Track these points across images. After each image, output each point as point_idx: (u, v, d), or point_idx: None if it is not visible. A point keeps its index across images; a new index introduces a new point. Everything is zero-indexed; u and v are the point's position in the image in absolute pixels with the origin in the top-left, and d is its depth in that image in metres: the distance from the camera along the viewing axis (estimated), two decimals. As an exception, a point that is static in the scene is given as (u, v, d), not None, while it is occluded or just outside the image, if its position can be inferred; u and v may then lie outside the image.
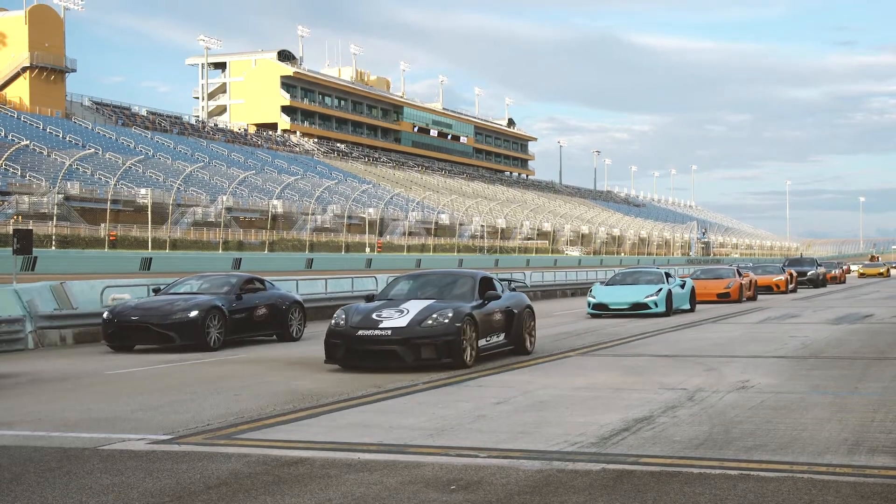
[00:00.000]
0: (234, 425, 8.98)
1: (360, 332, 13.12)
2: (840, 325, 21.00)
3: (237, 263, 53.60)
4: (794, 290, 40.95)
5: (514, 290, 15.98)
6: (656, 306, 24.11)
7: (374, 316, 13.34)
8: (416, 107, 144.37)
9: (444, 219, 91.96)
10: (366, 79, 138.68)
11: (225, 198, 71.47)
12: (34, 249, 35.03)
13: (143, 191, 66.47)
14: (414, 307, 13.51)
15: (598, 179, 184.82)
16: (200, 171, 78.12)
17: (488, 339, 14.01)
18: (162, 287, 19.00)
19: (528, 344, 15.07)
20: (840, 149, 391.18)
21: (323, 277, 29.81)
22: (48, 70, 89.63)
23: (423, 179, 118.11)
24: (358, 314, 13.49)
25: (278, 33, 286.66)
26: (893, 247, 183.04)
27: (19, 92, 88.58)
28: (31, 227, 47.20)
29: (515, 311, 14.81)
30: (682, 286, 26.22)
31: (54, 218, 58.00)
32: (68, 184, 63.75)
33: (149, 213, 61.03)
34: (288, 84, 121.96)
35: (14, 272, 25.68)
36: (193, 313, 16.66)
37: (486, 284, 14.73)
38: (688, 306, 26.39)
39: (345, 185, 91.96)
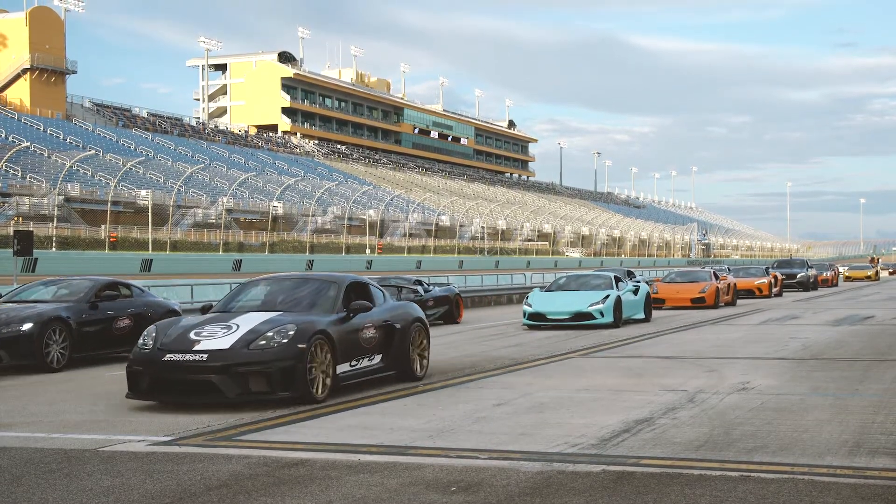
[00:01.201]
0: (234, 427, 8.98)
1: (168, 357, 10.04)
2: (840, 326, 20.99)
3: (237, 265, 53.61)
4: (778, 295, 38.51)
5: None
6: (602, 316, 21.01)
7: (191, 335, 10.29)
8: (416, 108, 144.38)
9: (445, 220, 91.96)
10: (366, 80, 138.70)
11: (225, 199, 71.48)
12: (35, 251, 35.05)
13: (143, 192, 66.46)
14: (247, 322, 10.46)
15: (599, 181, 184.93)
16: (201, 172, 78.13)
17: (354, 362, 11.09)
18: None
19: (416, 367, 12.14)
20: (841, 150, 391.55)
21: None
22: (49, 72, 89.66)
23: (424, 181, 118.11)
24: (171, 332, 10.45)
25: (279, 35, 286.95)
26: (894, 248, 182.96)
27: (20, 93, 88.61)
28: (31, 229, 47.18)
29: (398, 325, 11.90)
30: (636, 292, 23.04)
31: (55, 219, 58.00)
32: (69, 185, 63.76)
33: (149, 214, 61.04)
34: (288, 86, 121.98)
35: (15, 273, 25.70)
36: (27, 326, 13.93)
37: (357, 292, 11.79)
38: (642, 315, 23.19)
39: (345, 187, 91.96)
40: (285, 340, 10.05)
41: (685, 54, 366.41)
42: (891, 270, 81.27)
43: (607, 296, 21.41)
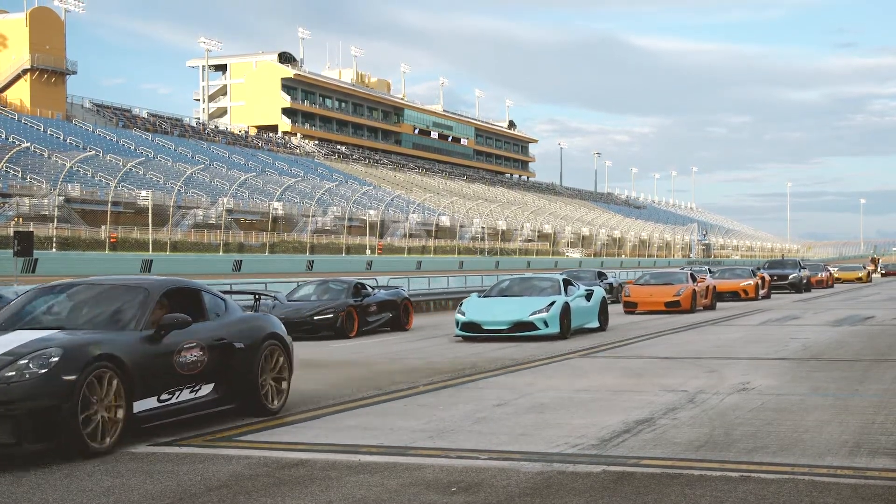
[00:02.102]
0: (234, 427, 8.98)
1: None
2: (841, 326, 21.00)
3: (238, 265, 53.64)
4: (766, 297, 36.44)
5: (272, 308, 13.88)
6: (546, 326, 18.29)
7: None
8: (416, 109, 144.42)
9: (445, 220, 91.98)
10: (366, 81, 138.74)
11: (225, 200, 71.50)
12: (35, 251, 35.07)
13: (143, 193, 66.47)
14: (7, 343, 7.81)
15: (599, 181, 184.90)
16: (201, 172, 78.15)
17: (167, 396, 8.51)
18: None
19: (269, 397, 9.57)
20: (841, 151, 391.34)
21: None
22: (49, 72, 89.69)
23: (424, 181, 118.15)
24: None
25: (279, 35, 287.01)
26: (894, 248, 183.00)
27: (20, 94, 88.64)
28: (31, 229, 47.17)
29: (240, 344, 9.32)
30: (588, 297, 20.39)
31: (55, 220, 58.01)
32: (69, 186, 63.78)
33: (149, 214, 61.06)
34: (288, 86, 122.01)
35: (15, 274, 25.71)
36: None
37: (179, 301, 9.16)
38: (595, 324, 20.45)
39: (345, 187, 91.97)
40: (44, 370, 7.37)
41: (685, 54, 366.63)
42: (882, 272, 75.72)
43: (552, 302, 18.58)
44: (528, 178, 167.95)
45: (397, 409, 10.04)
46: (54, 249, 53.88)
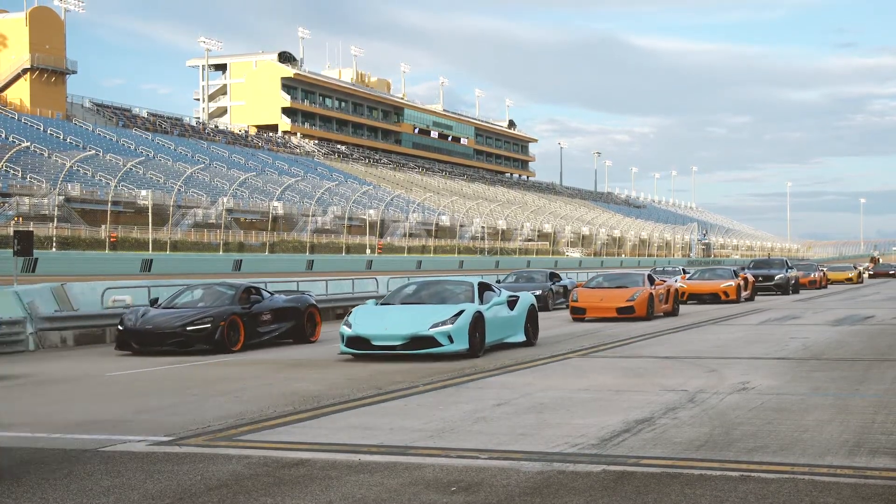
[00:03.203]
0: (234, 427, 8.98)
1: None
2: (841, 326, 21.00)
3: (238, 265, 53.65)
4: (750, 299, 34.15)
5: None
6: (450, 341, 14.86)
7: None
8: (416, 108, 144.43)
9: (445, 220, 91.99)
10: (366, 80, 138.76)
11: (225, 199, 71.51)
12: (35, 251, 35.07)
13: (143, 192, 66.50)
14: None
15: (599, 181, 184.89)
16: (201, 172, 78.15)
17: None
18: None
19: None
20: (841, 151, 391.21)
21: (324, 279, 29.85)
22: (49, 72, 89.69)
23: (424, 181, 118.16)
24: None
25: (279, 35, 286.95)
26: (894, 248, 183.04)
27: (20, 93, 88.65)
28: (31, 229, 47.18)
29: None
30: (512, 305, 17.01)
31: (55, 219, 58.01)
32: (69, 185, 63.79)
33: (149, 214, 61.07)
34: (288, 86, 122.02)
35: (15, 274, 25.70)
36: None
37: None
38: (520, 337, 17.01)
39: (345, 187, 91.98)
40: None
41: (685, 54, 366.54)
42: (870, 273, 71.78)
43: (460, 312, 15.13)
44: (527, 177, 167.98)
45: (397, 408, 10.04)
46: (54, 249, 53.89)
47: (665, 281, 26.72)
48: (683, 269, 40.51)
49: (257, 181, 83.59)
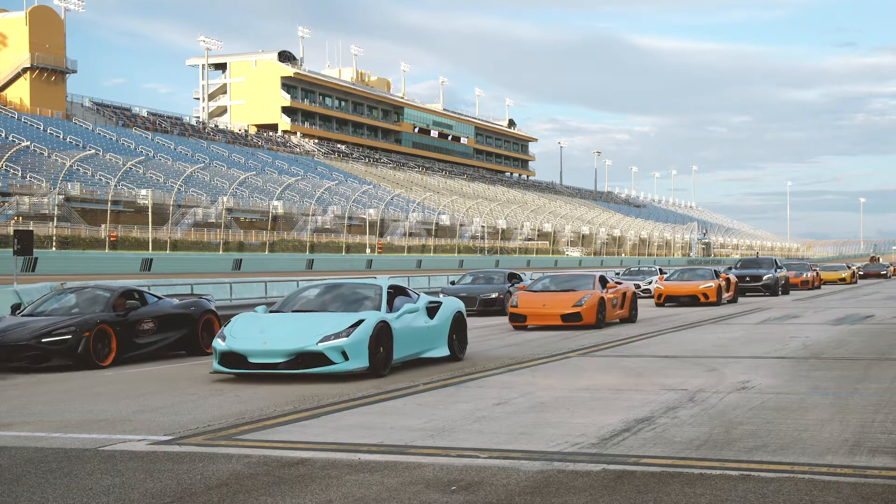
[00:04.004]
0: (234, 426, 8.98)
1: None
2: (841, 325, 20.99)
3: (238, 264, 53.65)
4: (732, 301, 32.74)
5: None
6: (345, 358, 12.26)
7: None
8: (416, 108, 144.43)
9: (445, 219, 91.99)
10: (366, 80, 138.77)
11: (225, 199, 71.51)
12: (35, 250, 35.09)
13: (143, 192, 66.51)
14: None
15: (599, 180, 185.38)
16: (201, 171, 78.15)
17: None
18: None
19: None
20: (841, 150, 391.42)
21: (323, 278, 29.85)
22: (49, 71, 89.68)
23: (424, 180, 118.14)
24: None
25: (279, 34, 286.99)
26: (894, 247, 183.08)
27: (20, 93, 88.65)
28: (31, 228, 47.21)
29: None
30: (432, 313, 14.41)
31: (55, 219, 58.02)
32: (69, 185, 63.79)
33: (149, 213, 61.07)
34: (288, 85, 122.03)
35: (15, 273, 25.72)
36: None
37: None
38: (442, 351, 14.38)
39: (345, 186, 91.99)
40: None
41: (685, 54, 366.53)
42: (861, 273, 67.01)
43: (359, 322, 12.59)
44: (527, 176, 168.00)
45: (397, 407, 10.04)
46: (54, 248, 53.90)
47: (621, 283, 23.84)
48: (661, 270, 39.02)
49: (257, 180, 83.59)
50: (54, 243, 55.29)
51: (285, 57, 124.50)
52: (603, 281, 22.46)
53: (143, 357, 15.45)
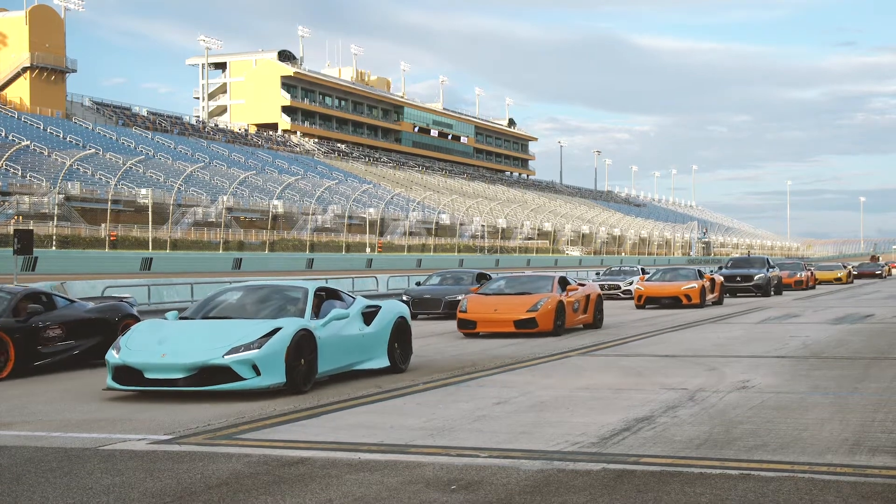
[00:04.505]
0: (234, 425, 8.99)
1: None
2: (841, 325, 21.00)
3: (238, 263, 53.64)
4: (717, 302, 31.35)
5: None
6: (256, 373, 10.68)
7: None
8: (416, 107, 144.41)
9: (445, 219, 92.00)
10: (366, 79, 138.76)
11: (225, 198, 71.51)
12: (35, 250, 35.07)
13: (143, 191, 66.51)
14: None
15: (599, 179, 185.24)
16: (201, 171, 78.15)
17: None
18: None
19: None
20: (841, 149, 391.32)
21: (323, 278, 29.89)
22: (48, 70, 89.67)
23: (424, 179, 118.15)
24: None
25: (279, 34, 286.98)
26: (894, 247, 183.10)
27: (20, 92, 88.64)
28: (31, 228, 47.22)
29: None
30: (369, 319, 12.93)
31: (55, 218, 58.01)
32: (69, 184, 63.78)
33: (149, 213, 61.07)
34: (288, 84, 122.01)
35: (15, 272, 25.72)
36: None
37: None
38: (380, 362, 12.80)
39: (345, 186, 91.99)
40: None
41: (686, 54, 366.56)
42: (856, 273, 64.01)
43: (275, 331, 11.01)
44: (528, 176, 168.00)
45: (397, 407, 10.04)
46: (54, 248, 53.89)
47: (584, 284, 21.63)
48: (643, 269, 37.47)
49: (257, 180, 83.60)
50: (54, 243, 55.29)
51: (285, 56, 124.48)
52: (563, 283, 20.43)
53: (54, 366, 13.72)
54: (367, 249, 75.56)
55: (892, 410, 9.30)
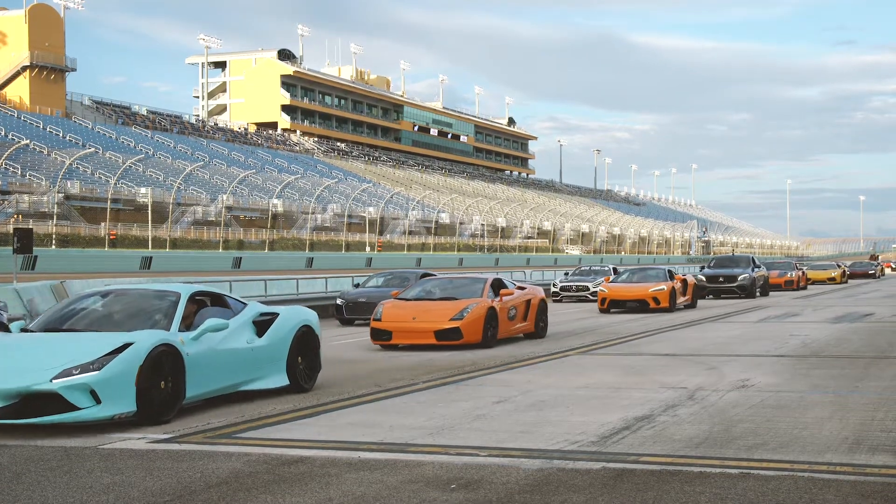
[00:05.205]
0: (234, 424, 8.99)
1: None
2: (840, 324, 21.00)
3: (237, 262, 53.63)
4: (690, 306, 28.61)
5: None
6: (95, 400, 8.64)
7: None
8: (416, 106, 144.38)
9: (445, 218, 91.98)
10: (366, 78, 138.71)
11: (225, 197, 71.50)
12: (34, 248, 35.06)
13: (143, 190, 66.50)
14: None
15: (599, 178, 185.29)
16: (200, 170, 78.13)
17: None
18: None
19: None
20: (840, 148, 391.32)
21: (324, 276, 29.88)
22: (48, 69, 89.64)
23: (424, 178, 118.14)
24: None
25: (278, 32, 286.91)
26: (894, 245, 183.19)
27: (19, 91, 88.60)
28: (31, 227, 47.17)
29: None
30: (262, 329, 10.96)
31: (54, 217, 58.01)
32: (68, 183, 63.77)
33: (149, 212, 61.06)
34: (288, 83, 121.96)
35: (14, 271, 25.71)
36: None
37: None
38: (275, 381, 10.91)
39: (345, 184, 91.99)
40: None
41: (685, 52, 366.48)
42: (849, 272, 59.97)
43: (123, 347, 8.98)
44: (527, 175, 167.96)
45: (397, 406, 10.04)
46: (54, 247, 53.88)
47: (525, 288, 18.97)
48: (615, 269, 33.94)
49: (257, 179, 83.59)
50: (54, 241, 55.28)
51: (285, 55, 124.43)
52: (497, 286, 17.84)
53: None
54: (367, 248, 75.57)
55: (892, 409, 9.30)
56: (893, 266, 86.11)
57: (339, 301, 23.68)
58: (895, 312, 24.78)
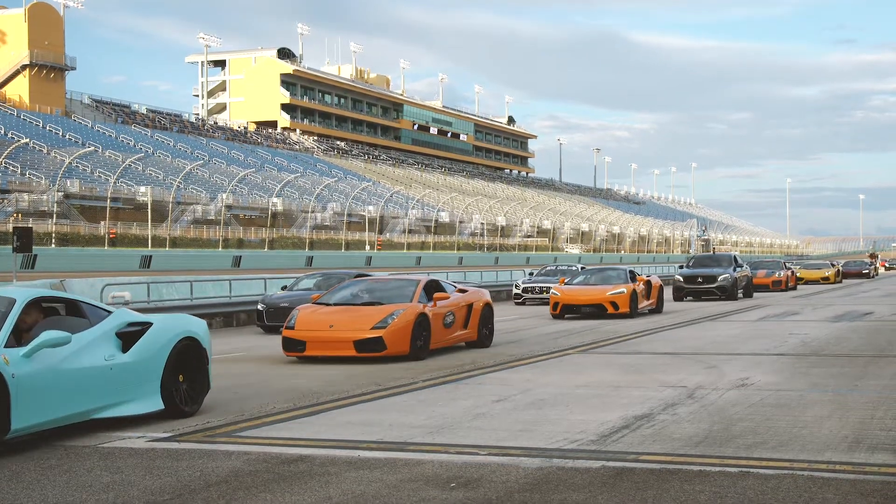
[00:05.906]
0: (234, 423, 8.98)
1: None
2: (840, 322, 21.01)
3: (237, 261, 53.63)
4: (655, 310, 25.90)
5: None
6: None
7: None
8: (416, 105, 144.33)
9: (444, 217, 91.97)
10: (366, 77, 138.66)
11: (225, 196, 71.47)
12: (34, 247, 35.05)
13: (142, 189, 66.47)
14: None
15: (599, 177, 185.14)
16: (200, 169, 78.11)
17: None
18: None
19: None
20: (840, 147, 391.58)
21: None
22: (48, 68, 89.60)
23: (423, 177, 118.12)
24: None
25: (278, 31, 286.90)
26: (893, 244, 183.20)
27: (19, 90, 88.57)
28: (30, 225, 47.16)
29: None
30: (129, 342, 8.99)
31: (54, 216, 57.99)
32: (68, 182, 63.74)
33: (149, 211, 61.05)
34: (288, 82, 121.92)
35: (14, 270, 25.72)
36: None
37: None
38: (145, 404, 8.98)
39: (345, 183, 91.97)
40: None
41: (685, 51, 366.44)
42: (843, 272, 57.77)
43: None
44: (527, 174, 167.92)
45: (396, 404, 10.04)
46: (53, 245, 53.87)
47: (466, 290, 17.03)
48: (583, 268, 30.51)
49: (256, 178, 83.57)
50: (53, 240, 55.26)
51: (285, 54, 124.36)
52: (431, 289, 15.83)
53: None
54: (367, 247, 75.56)
55: (892, 408, 9.30)
56: (888, 265, 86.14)
57: (259, 306, 21.21)
58: (894, 311, 24.78)
